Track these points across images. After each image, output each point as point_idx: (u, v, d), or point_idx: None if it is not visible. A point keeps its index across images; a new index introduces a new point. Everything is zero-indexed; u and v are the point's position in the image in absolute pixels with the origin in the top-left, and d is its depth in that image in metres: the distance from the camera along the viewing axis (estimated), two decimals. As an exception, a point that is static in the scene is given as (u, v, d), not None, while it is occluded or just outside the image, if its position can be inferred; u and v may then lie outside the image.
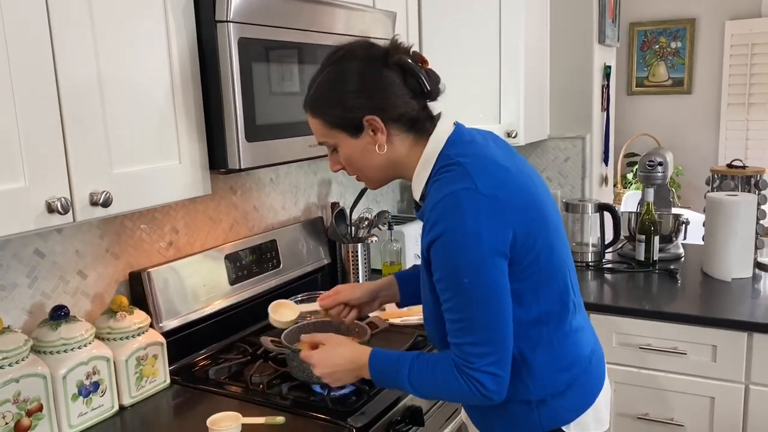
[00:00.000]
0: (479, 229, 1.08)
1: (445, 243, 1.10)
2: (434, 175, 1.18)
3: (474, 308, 1.10)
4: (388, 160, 1.21)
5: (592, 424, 1.27)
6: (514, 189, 1.15)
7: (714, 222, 2.26)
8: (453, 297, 1.12)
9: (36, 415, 1.28)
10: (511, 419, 1.24)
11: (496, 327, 1.12)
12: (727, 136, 5.18)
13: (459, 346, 1.13)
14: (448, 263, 1.10)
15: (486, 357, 1.12)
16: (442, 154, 1.18)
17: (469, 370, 1.12)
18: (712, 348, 1.97)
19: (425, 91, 1.18)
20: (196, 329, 1.73)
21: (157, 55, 1.29)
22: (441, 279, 1.13)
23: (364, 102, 1.16)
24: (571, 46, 2.67)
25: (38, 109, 1.08)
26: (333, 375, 1.27)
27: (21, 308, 1.43)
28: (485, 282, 1.10)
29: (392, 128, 1.18)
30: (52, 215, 1.11)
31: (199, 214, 1.85)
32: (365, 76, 1.16)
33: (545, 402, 1.22)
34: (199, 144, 1.39)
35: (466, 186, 1.10)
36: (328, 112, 1.19)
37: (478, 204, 1.09)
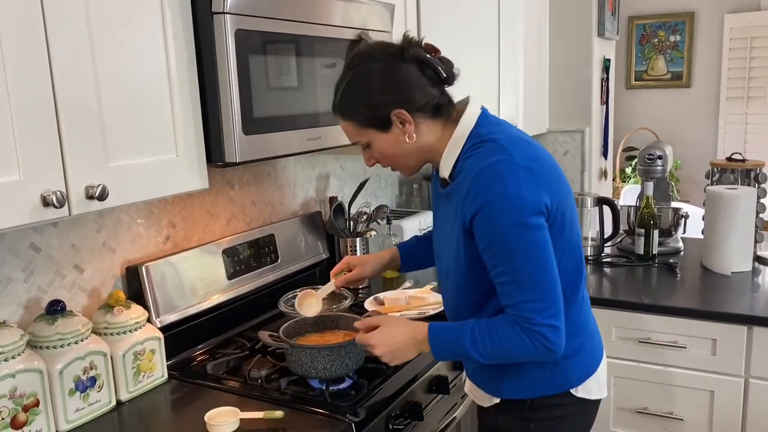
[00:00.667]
0: (521, 192, 1.17)
1: (491, 210, 1.17)
2: (466, 152, 1.26)
3: (526, 266, 1.18)
4: (418, 147, 1.29)
5: (595, 390, 1.37)
6: (544, 163, 1.25)
7: (714, 215, 2.26)
8: (504, 260, 1.19)
9: (32, 411, 1.27)
10: (524, 380, 1.32)
11: (548, 281, 1.20)
12: (726, 129, 5.18)
13: (515, 305, 1.20)
14: (497, 228, 1.18)
15: (544, 311, 1.19)
16: (473, 133, 1.27)
17: (530, 325, 1.19)
18: (712, 342, 1.97)
19: (442, 78, 1.26)
20: (193, 324, 1.72)
21: (153, 47, 1.28)
22: (490, 245, 1.20)
23: (389, 98, 1.24)
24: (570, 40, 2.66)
25: (33, 102, 1.07)
26: (394, 353, 1.31)
27: (17, 303, 1.42)
28: (533, 240, 1.18)
29: (418, 117, 1.26)
30: (47, 209, 1.09)
31: (196, 209, 1.84)
32: (386, 74, 1.24)
33: (558, 364, 1.31)
34: (195, 137, 1.38)
35: (503, 158, 1.20)
36: (358, 113, 1.27)
37: (516, 172, 1.18)
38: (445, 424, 1.67)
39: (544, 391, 1.32)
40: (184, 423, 1.40)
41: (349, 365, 1.46)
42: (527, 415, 1.34)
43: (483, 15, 2.24)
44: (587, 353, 1.36)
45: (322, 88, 1.62)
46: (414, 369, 1.59)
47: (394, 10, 1.88)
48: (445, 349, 1.29)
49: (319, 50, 1.59)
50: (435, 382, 1.65)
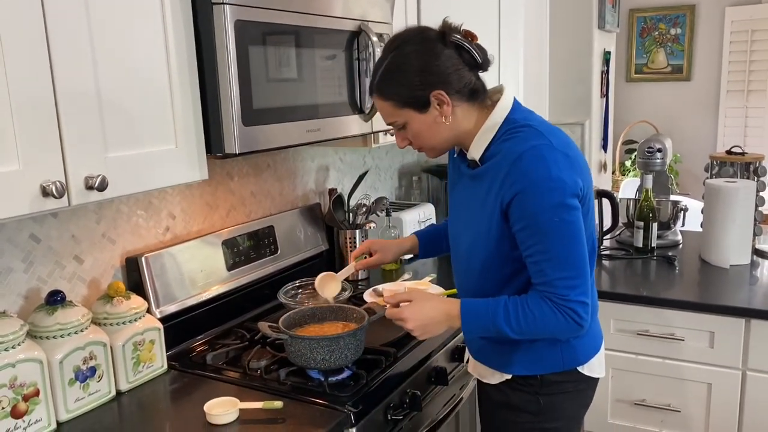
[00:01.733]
0: (561, 175, 1.23)
1: (534, 191, 1.23)
2: (501, 135, 1.31)
3: (562, 245, 1.24)
4: (452, 130, 1.34)
5: (597, 368, 1.44)
6: (577, 151, 1.32)
7: (713, 208, 2.26)
8: (543, 239, 1.24)
9: (32, 400, 1.27)
10: (535, 357, 1.38)
11: (581, 259, 1.27)
12: (726, 123, 5.18)
13: (550, 282, 1.26)
14: (538, 208, 1.23)
15: (577, 288, 1.26)
16: (508, 118, 1.33)
17: (564, 302, 1.26)
18: (710, 334, 1.97)
19: (478, 63, 1.32)
20: (193, 315, 1.73)
21: (153, 37, 1.28)
22: (528, 225, 1.25)
23: (429, 79, 1.28)
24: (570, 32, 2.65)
25: (32, 91, 1.06)
26: (425, 327, 1.34)
27: (17, 293, 1.42)
28: (571, 220, 1.24)
29: (455, 100, 1.31)
30: (46, 199, 1.09)
31: (196, 200, 1.84)
32: (426, 56, 1.28)
33: (569, 342, 1.38)
34: (195, 128, 1.38)
35: (543, 142, 1.25)
36: (398, 93, 1.31)
37: (556, 156, 1.24)
38: (444, 415, 1.68)
39: (554, 368, 1.39)
40: (183, 413, 1.40)
41: (348, 356, 1.47)
42: (537, 390, 1.40)
43: (484, 6, 2.23)
44: (592, 332, 1.42)
45: (322, 79, 1.62)
46: (413, 360, 1.60)
47: (394, 2, 1.87)
48: (477, 324, 1.32)
49: (319, 41, 1.59)
50: (434, 373, 1.66)
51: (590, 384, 1.46)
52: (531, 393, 1.41)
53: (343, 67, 1.69)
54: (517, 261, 1.32)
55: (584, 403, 1.49)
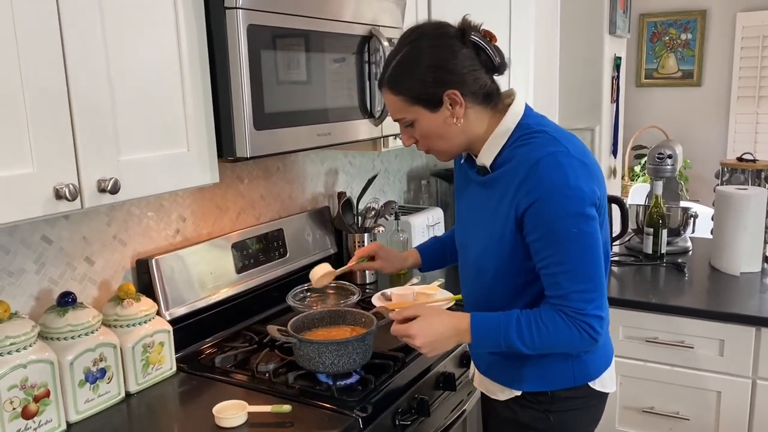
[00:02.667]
0: (579, 184, 1.19)
1: (550, 199, 1.18)
2: (514, 141, 1.27)
3: (581, 256, 1.20)
4: (462, 132, 1.29)
5: (608, 383, 1.40)
6: (592, 158, 1.28)
7: (723, 216, 2.25)
8: (560, 250, 1.20)
9: (43, 401, 1.28)
10: (545, 372, 1.34)
11: (599, 273, 1.23)
12: (737, 129, 5.16)
13: (566, 296, 1.22)
14: (557, 217, 1.19)
15: (593, 302, 1.22)
16: (521, 123, 1.28)
17: (580, 316, 1.21)
18: (720, 342, 1.96)
19: (495, 66, 1.27)
20: (202, 317, 1.73)
21: (166, 41, 1.28)
22: (544, 235, 1.21)
23: (444, 77, 1.23)
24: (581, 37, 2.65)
25: (47, 95, 1.07)
26: (434, 344, 1.29)
27: (28, 294, 1.43)
28: (589, 231, 1.20)
29: (468, 101, 1.26)
30: (60, 201, 1.10)
31: (206, 202, 1.85)
32: (444, 53, 1.23)
33: (580, 357, 1.34)
34: (207, 131, 1.38)
35: (560, 149, 1.21)
36: (410, 88, 1.25)
37: (574, 164, 1.20)
38: (452, 420, 1.67)
39: (566, 384, 1.34)
40: (191, 415, 1.41)
41: (357, 360, 1.47)
42: (547, 407, 1.35)
43: (494, 12, 2.24)
44: (603, 347, 1.38)
45: (333, 83, 1.62)
46: (421, 365, 1.59)
47: (405, 6, 1.87)
48: (488, 340, 1.27)
49: (330, 46, 1.60)
50: (442, 379, 1.66)
51: (601, 399, 1.42)
52: (541, 410, 1.36)
53: (354, 71, 1.69)
54: (529, 272, 1.27)
55: (594, 419, 1.45)
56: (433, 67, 1.22)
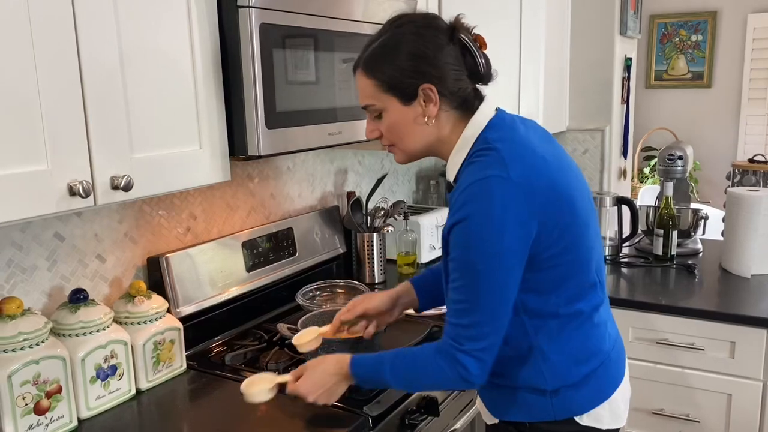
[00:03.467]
0: (505, 218, 1.09)
1: (468, 226, 1.10)
2: (470, 157, 1.18)
3: (480, 294, 1.12)
4: (430, 135, 1.21)
5: (607, 418, 1.26)
6: (547, 180, 1.14)
7: (734, 217, 2.24)
8: (462, 278, 1.13)
9: (55, 397, 1.29)
10: (525, 406, 1.25)
11: (496, 316, 1.13)
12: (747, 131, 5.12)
13: (454, 326, 1.15)
14: (468, 246, 1.11)
15: (478, 341, 1.13)
16: (481, 137, 1.19)
17: (456, 351, 1.14)
18: (731, 344, 1.95)
19: (479, 73, 1.19)
20: (212, 315, 1.74)
21: (179, 40, 1.29)
22: (455, 259, 1.14)
23: (423, 69, 1.15)
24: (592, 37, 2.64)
25: (61, 93, 1.08)
26: (325, 393, 1.28)
27: (40, 291, 1.44)
28: (498, 272, 1.11)
29: (443, 102, 1.18)
30: (73, 198, 1.11)
31: (216, 201, 1.85)
32: (429, 45, 1.15)
33: (559, 392, 1.22)
34: (219, 130, 1.39)
35: (499, 173, 1.10)
36: (385, 73, 1.17)
37: (507, 192, 1.09)
38: (461, 421, 1.67)
39: (545, 417, 1.24)
40: (202, 413, 1.41)
41: (367, 359, 1.47)
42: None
43: (505, 12, 2.23)
44: (597, 381, 1.25)
45: (343, 83, 1.63)
46: (430, 365, 1.59)
47: (416, 7, 1.88)
48: (369, 379, 1.26)
49: (341, 45, 1.60)
50: (451, 379, 1.65)
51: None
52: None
53: (365, 70, 1.69)
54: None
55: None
56: (414, 56, 1.15)
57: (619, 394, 1.28)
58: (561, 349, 1.21)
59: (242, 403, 1.40)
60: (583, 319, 1.23)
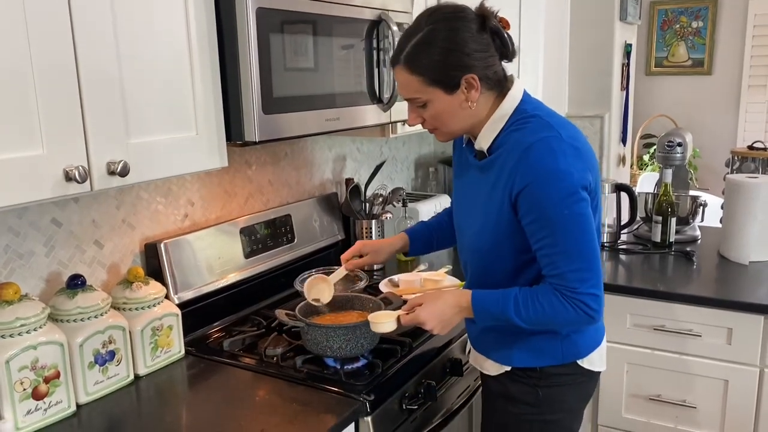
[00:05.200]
0: (570, 169, 1.22)
1: (542, 183, 1.22)
2: (510, 126, 1.30)
3: (574, 237, 1.24)
4: (472, 116, 1.32)
5: (597, 362, 1.43)
6: (586, 143, 1.31)
7: (733, 204, 2.23)
8: (552, 232, 1.24)
9: (53, 382, 1.29)
10: (535, 349, 1.38)
11: (592, 252, 1.26)
12: (747, 118, 5.11)
13: (560, 275, 1.25)
14: (548, 200, 1.22)
15: (588, 281, 1.25)
16: (518, 108, 1.31)
17: (574, 295, 1.25)
18: (728, 331, 1.96)
19: (509, 53, 1.31)
20: (210, 301, 1.74)
21: (175, 25, 1.28)
22: (538, 217, 1.24)
23: (465, 61, 1.25)
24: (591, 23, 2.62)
25: (56, 77, 1.07)
26: (443, 323, 1.35)
27: (38, 277, 1.44)
28: (581, 212, 1.23)
29: (483, 86, 1.29)
30: (69, 184, 1.10)
31: (214, 187, 1.85)
32: (465, 37, 1.24)
33: (569, 336, 1.37)
34: (215, 115, 1.38)
35: (553, 134, 1.24)
36: (430, 69, 1.26)
37: (565, 149, 1.23)
38: (458, 406, 1.68)
39: (554, 361, 1.38)
40: (200, 398, 1.42)
41: (364, 345, 1.47)
42: (536, 382, 1.39)
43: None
44: (594, 327, 1.40)
45: (341, 68, 1.62)
46: (428, 350, 1.60)
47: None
48: (488, 314, 1.33)
49: (339, 30, 1.59)
50: (449, 364, 1.66)
51: (591, 377, 1.44)
52: (530, 385, 1.40)
53: (362, 56, 1.68)
54: (525, 252, 1.31)
55: (584, 397, 1.48)
56: (454, 51, 1.24)
57: (604, 340, 1.48)
58: None
59: (240, 389, 1.41)
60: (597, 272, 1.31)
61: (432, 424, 1.57)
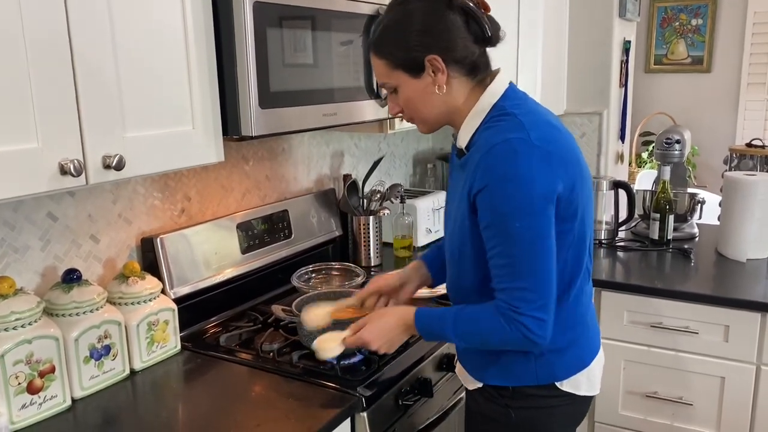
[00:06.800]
0: (532, 175, 1.12)
1: (497, 188, 1.13)
2: (486, 123, 1.22)
3: (523, 253, 1.14)
4: (445, 103, 1.24)
5: (584, 386, 1.31)
6: (563, 145, 1.19)
7: (731, 201, 2.23)
8: (502, 242, 1.15)
9: (48, 377, 1.29)
10: (507, 368, 1.28)
11: (543, 272, 1.15)
12: (746, 116, 5.10)
13: (506, 291, 1.17)
14: (501, 208, 1.13)
15: (532, 302, 1.15)
16: (497, 105, 1.22)
17: (515, 315, 1.15)
18: (725, 328, 1.96)
19: (486, 36, 1.21)
20: (207, 296, 1.73)
21: (172, 18, 1.27)
22: (491, 224, 1.15)
23: (427, 41, 1.18)
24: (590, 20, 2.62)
25: (52, 70, 1.07)
26: (388, 342, 1.32)
27: (33, 271, 1.43)
28: (535, 227, 1.13)
29: (452, 70, 1.21)
30: (65, 177, 1.10)
31: (211, 182, 1.84)
32: (429, 16, 1.18)
33: (544, 356, 1.26)
34: (212, 109, 1.38)
35: (520, 136, 1.14)
36: (393, 52, 1.22)
37: (531, 153, 1.12)
38: (454, 402, 1.68)
39: (528, 381, 1.28)
40: (195, 393, 1.41)
41: (361, 341, 1.47)
42: (508, 402, 1.30)
43: (503, -7, 2.21)
44: (579, 348, 1.30)
45: (339, 63, 1.61)
46: (424, 347, 1.60)
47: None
48: (432, 334, 1.29)
49: (336, 25, 1.58)
50: (445, 360, 1.66)
51: (574, 401, 1.31)
52: (501, 405, 1.30)
53: (360, 51, 1.68)
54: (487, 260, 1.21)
55: (570, 421, 1.36)
56: (417, 31, 1.18)
57: (596, 364, 1.34)
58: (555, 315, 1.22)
59: (236, 384, 1.41)
60: (576, 287, 1.26)
61: (428, 420, 1.57)
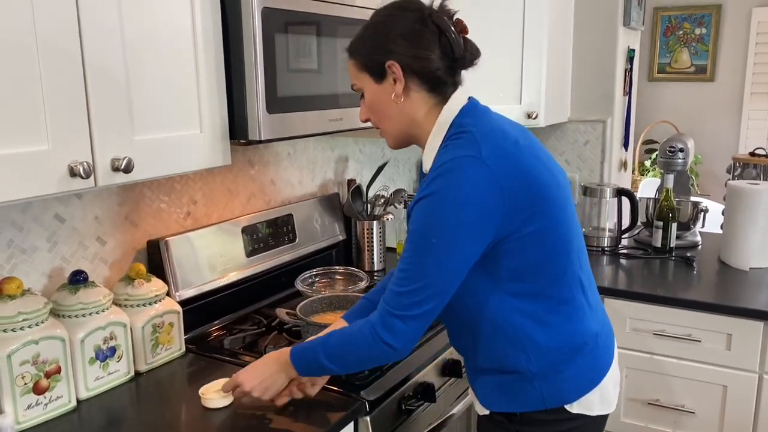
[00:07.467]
0: (470, 195, 1.09)
1: (432, 202, 1.11)
2: (445, 141, 1.19)
3: (428, 264, 1.11)
4: (404, 115, 1.23)
5: (597, 405, 1.25)
6: (519, 165, 1.14)
7: (734, 210, 2.24)
8: (414, 250, 1.12)
9: (54, 377, 1.29)
10: (514, 395, 1.23)
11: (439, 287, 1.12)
12: (749, 125, 5.11)
13: (392, 293, 1.14)
14: (427, 220, 1.11)
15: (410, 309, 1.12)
16: (455, 122, 1.20)
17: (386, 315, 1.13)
18: (727, 336, 1.96)
19: (454, 56, 1.19)
20: (211, 299, 1.74)
21: (182, 23, 1.29)
22: (412, 232, 1.13)
23: (390, 47, 1.19)
24: (595, 28, 2.63)
25: (63, 73, 1.08)
26: (263, 383, 1.28)
27: (40, 272, 1.44)
28: (451, 244, 1.10)
29: (412, 82, 1.20)
30: (74, 179, 1.11)
31: (217, 186, 1.85)
32: (397, 24, 1.19)
33: (546, 377, 1.21)
34: (220, 113, 1.39)
35: (471, 154, 1.11)
36: (359, 53, 1.23)
37: (477, 171, 1.10)
38: (457, 407, 1.68)
39: (535, 406, 1.22)
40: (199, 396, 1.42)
41: (365, 345, 1.47)
42: (518, 428, 1.24)
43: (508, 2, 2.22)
44: (585, 366, 1.24)
45: (343, 69, 1.62)
46: (428, 351, 1.60)
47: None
48: (309, 367, 1.25)
49: (342, 31, 1.60)
50: (449, 365, 1.66)
51: (587, 421, 1.24)
52: (511, 431, 1.25)
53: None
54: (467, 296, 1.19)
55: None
56: (382, 36, 1.19)
57: (609, 380, 1.27)
58: (545, 332, 1.20)
59: (240, 386, 1.41)
60: (568, 303, 1.22)
61: (431, 425, 1.57)
